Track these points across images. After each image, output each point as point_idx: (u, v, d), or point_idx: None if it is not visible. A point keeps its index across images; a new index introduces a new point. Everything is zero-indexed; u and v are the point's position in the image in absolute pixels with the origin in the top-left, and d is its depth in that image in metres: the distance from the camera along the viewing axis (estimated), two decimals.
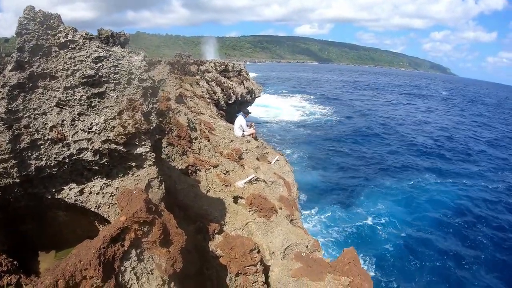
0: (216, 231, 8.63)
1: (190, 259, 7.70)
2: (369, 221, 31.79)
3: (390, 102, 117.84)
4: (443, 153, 56.80)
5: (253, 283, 8.30)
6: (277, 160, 15.85)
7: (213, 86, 30.02)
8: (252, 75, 55.93)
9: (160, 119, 6.25)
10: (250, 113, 21.69)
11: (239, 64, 39.89)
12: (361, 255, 25.73)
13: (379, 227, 30.91)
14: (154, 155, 5.91)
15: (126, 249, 4.74)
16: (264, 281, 8.42)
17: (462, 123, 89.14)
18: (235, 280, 8.17)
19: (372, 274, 24.31)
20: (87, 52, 5.35)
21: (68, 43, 5.26)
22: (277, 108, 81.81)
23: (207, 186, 10.53)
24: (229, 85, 32.91)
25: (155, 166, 5.97)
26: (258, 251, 8.33)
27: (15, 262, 4.69)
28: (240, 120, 17.94)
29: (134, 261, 4.83)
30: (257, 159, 14.88)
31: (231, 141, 15.24)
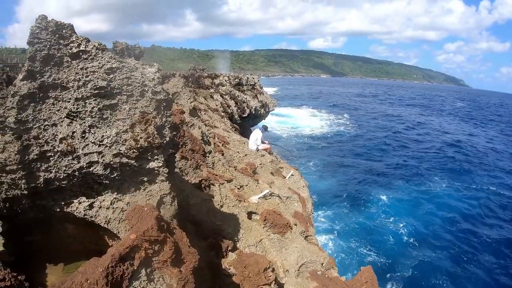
0: (229, 248, 8.38)
1: (202, 276, 7.47)
2: (385, 229, 32.17)
3: (404, 114, 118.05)
4: (455, 162, 57.42)
5: None
6: (291, 175, 15.59)
7: (227, 100, 29.98)
8: (267, 90, 56.49)
9: (174, 133, 6.05)
10: (268, 130, 21.44)
11: (253, 78, 39.91)
12: (377, 268, 25.74)
13: (394, 240, 30.82)
14: (167, 170, 5.71)
15: (135, 268, 4.52)
16: None
17: (475, 133, 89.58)
18: None
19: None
20: (99, 63, 5.20)
21: (81, 53, 5.13)
22: (294, 119, 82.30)
23: (220, 201, 10.29)
24: (243, 98, 32.85)
25: (167, 182, 5.77)
26: (273, 270, 8.08)
27: (19, 277, 4.47)
28: (256, 133, 17.70)
29: (144, 281, 4.61)
30: (272, 173, 14.64)
31: (245, 155, 15.02)
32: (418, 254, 28.72)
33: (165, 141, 5.60)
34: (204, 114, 20.46)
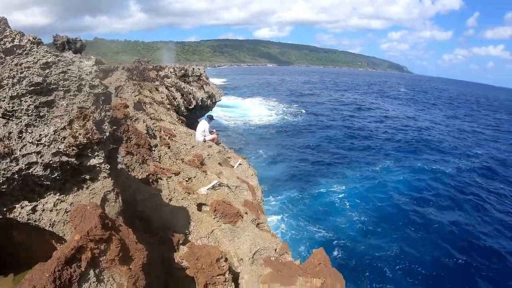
0: (180, 242, 8.31)
1: (155, 272, 7.37)
2: (336, 210, 33.85)
3: (350, 100, 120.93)
4: (400, 142, 60.43)
5: None
6: (239, 164, 15.59)
7: (172, 92, 29.59)
8: (215, 80, 56.37)
9: (114, 127, 5.88)
10: (214, 119, 21.38)
11: (199, 69, 39.62)
12: (329, 244, 27.43)
13: (343, 215, 32.95)
14: (109, 166, 5.55)
15: (83, 270, 4.38)
16: None
17: (419, 117, 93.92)
18: None
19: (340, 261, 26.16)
20: (34, 57, 4.97)
21: (15, 49, 4.88)
22: (242, 109, 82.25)
23: (169, 195, 10.16)
24: (189, 90, 32.55)
25: (110, 178, 5.61)
26: (226, 260, 8.07)
27: None
28: (203, 124, 17.59)
29: (93, 282, 4.48)
30: (220, 164, 14.58)
31: (193, 147, 14.88)
32: (367, 231, 30.64)
33: (105, 137, 5.44)
34: (150, 107, 20.11)
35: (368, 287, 24.22)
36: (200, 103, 33.84)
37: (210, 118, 19.29)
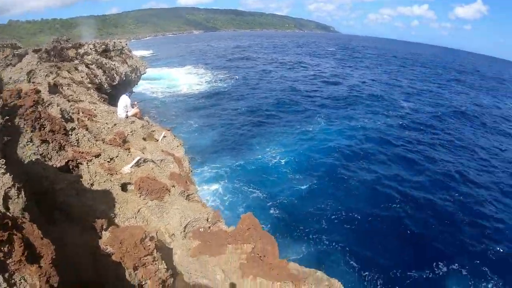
0: (104, 227, 8.01)
1: (83, 263, 7.10)
2: (269, 170, 34.66)
3: (280, 61, 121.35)
4: (331, 100, 62.22)
5: (156, 271, 7.87)
6: (164, 136, 15.15)
7: (93, 70, 28.35)
8: (140, 53, 54.50)
9: (7, 117, 5.49)
10: (133, 92, 20.72)
11: (120, 42, 38.10)
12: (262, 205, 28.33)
13: (276, 175, 33.69)
14: (4, 161, 5.19)
15: None
16: (166, 267, 8.03)
17: (347, 74, 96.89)
18: (135, 274, 7.68)
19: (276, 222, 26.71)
20: None
21: None
22: (169, 80, 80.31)
23: (90, 179, 9.75)
24: (111, 65, 31.28)
25: (8, 174, 5.26)
26: (151, 238, 7.88)
27: None
28: (124, 100, 16.87)
29: (4, 287, 4.21)
30: (144, 139, 14.16)
31: (115, 125, 14.32)
32: (302, 189, 31.69)
33: None
34: (68, 89, 19.15)
35: (305, 243, 25.07)
36: (124, 78, 32.63)
37: (131, 93, 18.69)
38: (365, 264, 23.42)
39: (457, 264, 24.47)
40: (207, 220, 9.61)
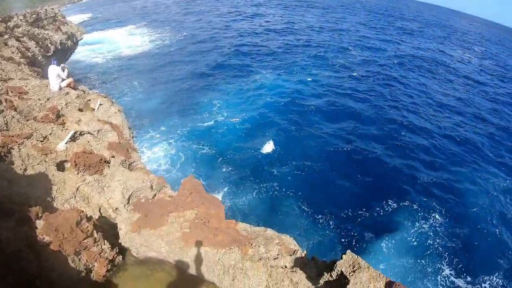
0: (40, 215, 7.55)
1: (23, 259, 6.71)
2: (220, 125, 34.44)
3: (223, 12, 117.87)
4: (277, 48, 61.42)
5: (100, 253, 7.56)
6: (100, 104, 14.25)
7: (25, 42, 26.67)
8: (79, 17, 51.57)
9: None
10: (68, 59, 19.53)
11: (52, 9, 35.83)
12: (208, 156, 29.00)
13: (225, 131, 33.51)
14: None
15: None
16: (110, 246, 7.71)
17: (294, 21, 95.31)
18: (79, 260, 7.33)
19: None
20: None
21: None
22: (110, 43, 76.39)
23: (22, 165, 9.16)
24: (44, 35, 29.52)
25: None
26: (89, 219, 7.48)
27: None
28: (53, 70, 15.59)
29: None
30: (80, 110, 13.36)
31: (48, 99, 13.43)
32: (248, 137, 32.45)
33: None
34: None
35: (259, 192, 25.52)
36: (59, 47, 30.78)
37: (58, 60, 17.41)
38: (317, 208, 24.47)
39: (407, 201, 26.24)
40: (152, 188, 9.27)
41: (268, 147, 30.34)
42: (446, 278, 21.09)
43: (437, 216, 25.08)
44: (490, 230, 24.87)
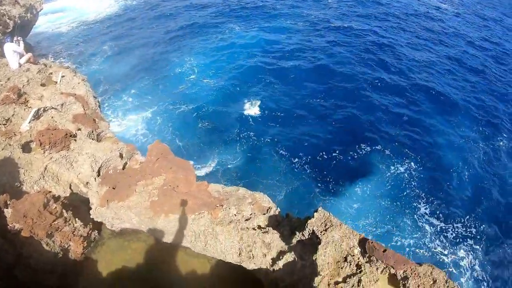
0: (8, 203, 7.38)
1: (1, 250, 6.64)
2: (191, 82, 34.13)
3: None
4: (247, 6, 59.65)
5: (74, 231, 7.51)
6: (62, 76, 13.78)
7: None
8: None
9: None
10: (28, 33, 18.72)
11: None
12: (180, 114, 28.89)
13: (199, 87, 33.29)
14: None
15: None
16: (85, 222, 7.66)
17: None
18: (53, 242, 7.27)
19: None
20: None
21: None
22: (73, 10, 73.39)
23: None
24: (1, 11, 28.54)
25: None
26: (57, 199, 7.38)
27: None
28: (9, 47, 14.99)
29: None
30: (43, 85, 12.93)
31: (8, 79, 13.00)
32: (222, 90, 32.40)
33: None
34: None
35: (238, 143, 25.81)
36: (19, 21, 29.75)
37: (12, 35, 16.79)
38: (293, 152, 24.97)
39: (380, 146, 26.64)
40: (121, 157, 9.11)
41: (245, 101, 30.07)
42: (422, 217, 22.03)
43: (411, 163, 25.63)
44: (462, 173, 25.71)
